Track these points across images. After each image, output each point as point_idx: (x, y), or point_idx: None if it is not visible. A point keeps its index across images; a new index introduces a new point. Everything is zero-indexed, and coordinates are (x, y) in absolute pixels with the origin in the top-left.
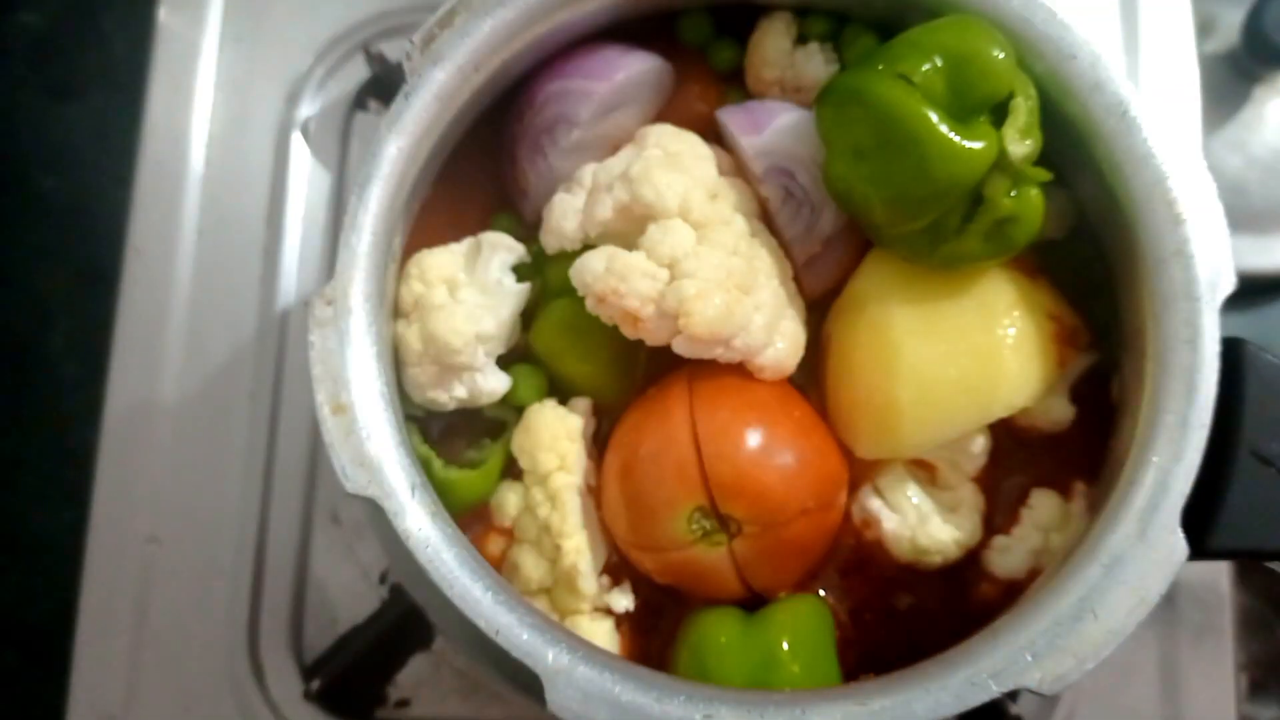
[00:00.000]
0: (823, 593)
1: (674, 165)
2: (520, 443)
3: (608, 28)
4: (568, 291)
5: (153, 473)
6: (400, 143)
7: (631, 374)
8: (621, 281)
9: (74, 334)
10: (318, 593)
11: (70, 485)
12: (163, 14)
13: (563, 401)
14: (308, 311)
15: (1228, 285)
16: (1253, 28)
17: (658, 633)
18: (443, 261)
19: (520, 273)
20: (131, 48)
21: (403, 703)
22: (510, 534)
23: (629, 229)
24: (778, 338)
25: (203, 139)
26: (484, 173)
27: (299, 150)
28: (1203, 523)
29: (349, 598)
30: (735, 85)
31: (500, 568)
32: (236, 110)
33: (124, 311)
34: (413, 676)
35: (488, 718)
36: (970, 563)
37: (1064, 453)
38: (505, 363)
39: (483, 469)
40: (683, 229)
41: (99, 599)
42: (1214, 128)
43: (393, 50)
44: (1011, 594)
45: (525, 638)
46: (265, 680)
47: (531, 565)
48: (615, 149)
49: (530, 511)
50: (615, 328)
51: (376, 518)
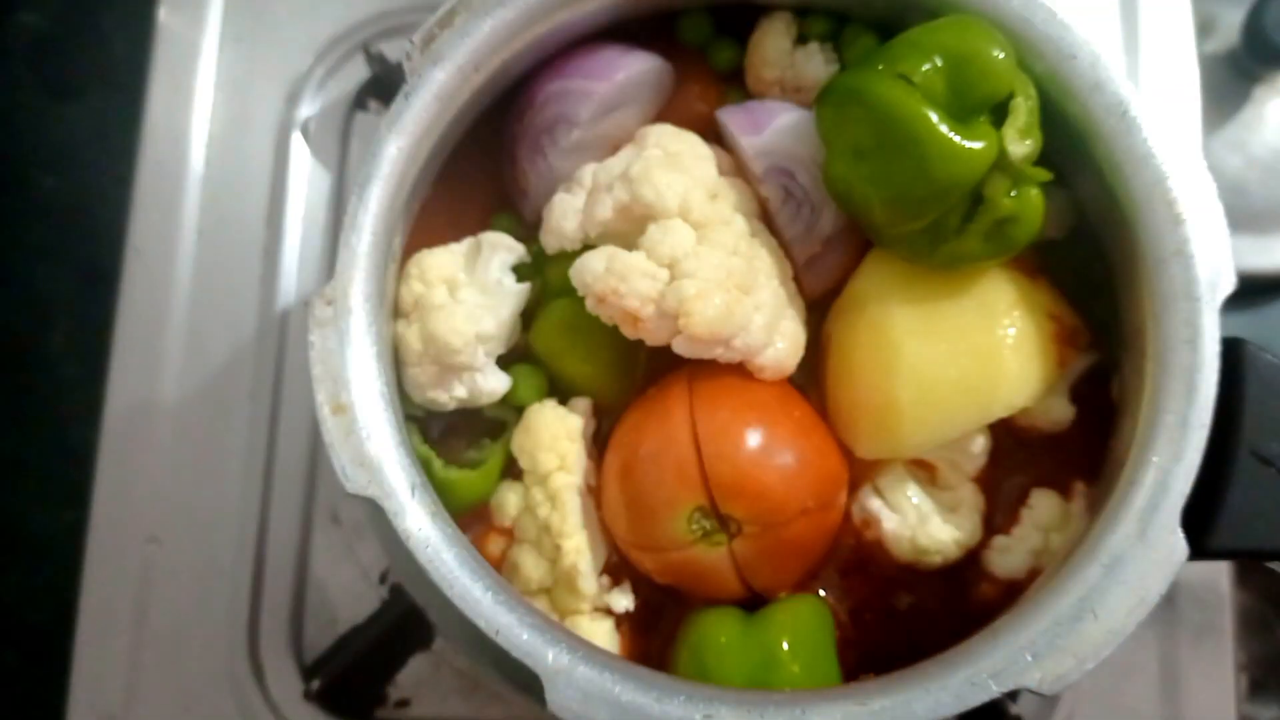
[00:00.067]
0: (823, 593)
1: (674, 165)
2: (520, 443)
3: (608, 28)
4: (568, 291)
5: (153, 473)
6: (400, 143)
7: (631, 374)
8: (621, 281)
9: (74, 334)
10: (318, 593)
11: (70, 485)
12: (163, 14)
13: (563, 401)
14: (308, 311)
15: (1228, 285)
16: (1253, 28)
17: (658, 633)
18: (443, 261)
19: (520, 273)
20: (131, 48)
21: (403, 703)
22: (510, 534)
23: (629, 229)
24: (778, 338)
25: (203, 139)
26: (484, 173)
27: (299, 150)
28: (1203, 523)
29: (349, 598)
30: (735, 85)
31: (500, 568)
32: (236, 110)
33: (124, 311)
34: (413, 676)
35: (488, 718)
36: (970, 563)
37: (1064, 453)
38: (505, 363)
39: (483, 469)
40: (683, 229)
41: (99, 599)
42: (1214, 128)
43: (393, 50)
44: (1011, 594)
45: (525, 638)
46: (265, 680)
47: (531, 565)
48: (615, 149)
49: (530, 511)
50: (615, 328)
51: (376, 518)
